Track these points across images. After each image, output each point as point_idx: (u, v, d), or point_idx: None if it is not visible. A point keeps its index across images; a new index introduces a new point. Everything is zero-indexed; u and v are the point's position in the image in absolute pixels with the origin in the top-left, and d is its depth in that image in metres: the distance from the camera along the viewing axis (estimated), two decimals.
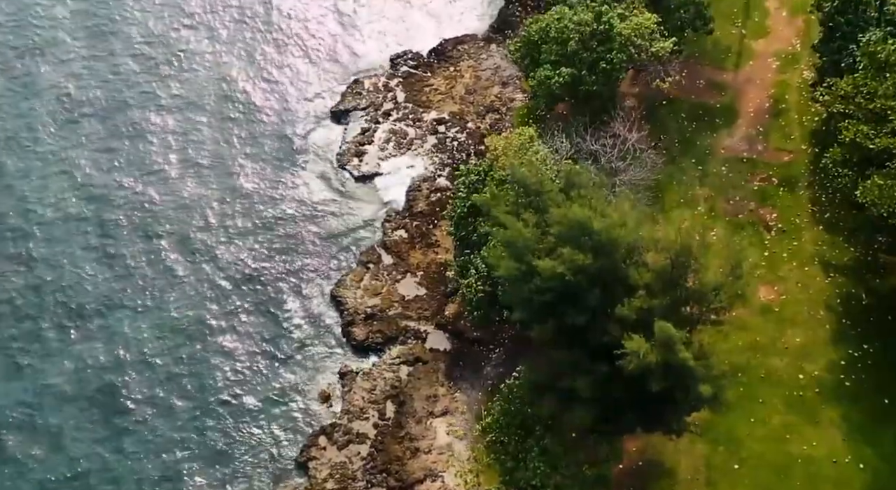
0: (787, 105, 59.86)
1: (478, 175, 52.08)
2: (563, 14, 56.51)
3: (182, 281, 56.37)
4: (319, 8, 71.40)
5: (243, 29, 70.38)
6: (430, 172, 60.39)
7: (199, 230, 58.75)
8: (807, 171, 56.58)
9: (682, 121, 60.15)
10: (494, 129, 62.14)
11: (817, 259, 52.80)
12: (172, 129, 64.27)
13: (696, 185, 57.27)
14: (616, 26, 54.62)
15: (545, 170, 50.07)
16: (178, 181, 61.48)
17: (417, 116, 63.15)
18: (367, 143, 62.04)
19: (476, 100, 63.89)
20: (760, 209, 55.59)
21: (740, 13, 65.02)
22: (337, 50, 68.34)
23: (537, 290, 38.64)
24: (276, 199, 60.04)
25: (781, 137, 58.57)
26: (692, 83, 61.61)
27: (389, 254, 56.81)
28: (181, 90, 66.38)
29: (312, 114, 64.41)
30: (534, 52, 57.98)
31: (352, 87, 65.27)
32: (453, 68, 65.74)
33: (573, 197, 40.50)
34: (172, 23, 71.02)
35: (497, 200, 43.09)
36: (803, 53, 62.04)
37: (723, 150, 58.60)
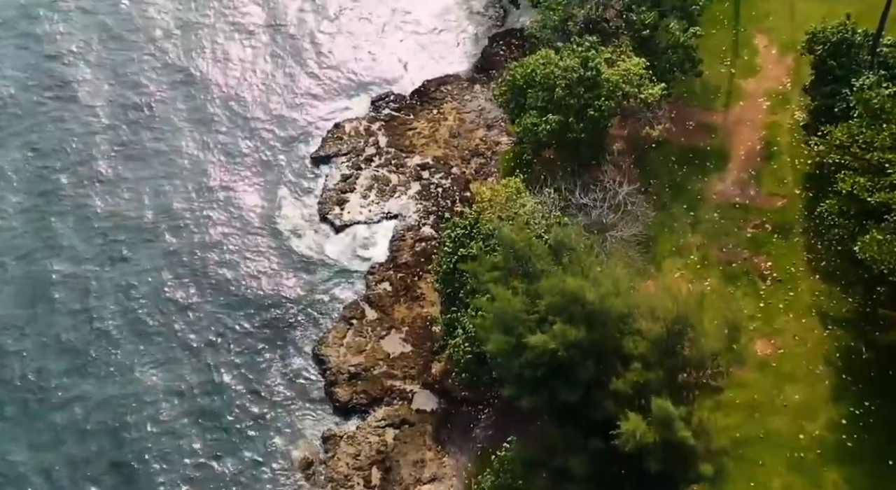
0: (779, 147, 58.42)
1: (464, 228, 50.35)
2: (548, 58, 54.95)
3: (152, 341, 54.01)
4: (297, 50, 69.29)
5: (217, 73, 68.18)
6: (415, 221, 58.56)
7: (170, 286, 56.44)
8: (801, 217, 55.10)
9: (672, 164, 58.62)
10: (480, 175, 60.54)
11: (814, 310, 51.24)
12: (144, 177, 61.98)
13: (688, 232, 55.68)
14: (603, 72, 53.13)
15: (533, 224, 48.66)
16: (149, 233, 59.22)
17: (400, 162, 61.39)
18: (348, 190, 60.20)
19: (461, 143, 62.22)
20: (754, 257, 54.06)
21: (729, 51, 63.62)
22: (316, 93, 66.29)
23: (528, 364, 36.87)
24: (252, 252, 57.92)
25: (774, 181, 57.11)
26: (681, 125, 60.13)
27: (373, 308, 54.91)
28: (154, 139, 63.93)
29: (292, 160, 62.32)
30: (519, 97, 56.43)
31: (332, 132, 63.31)
32: (437, 110, 64.06)
33: (564, 262, 38.78)
34: (151, 68, 68.50)
35: (484, 266, 41.30)
36: (794, 93, 60.67)
37: (714, 196, 57.11)
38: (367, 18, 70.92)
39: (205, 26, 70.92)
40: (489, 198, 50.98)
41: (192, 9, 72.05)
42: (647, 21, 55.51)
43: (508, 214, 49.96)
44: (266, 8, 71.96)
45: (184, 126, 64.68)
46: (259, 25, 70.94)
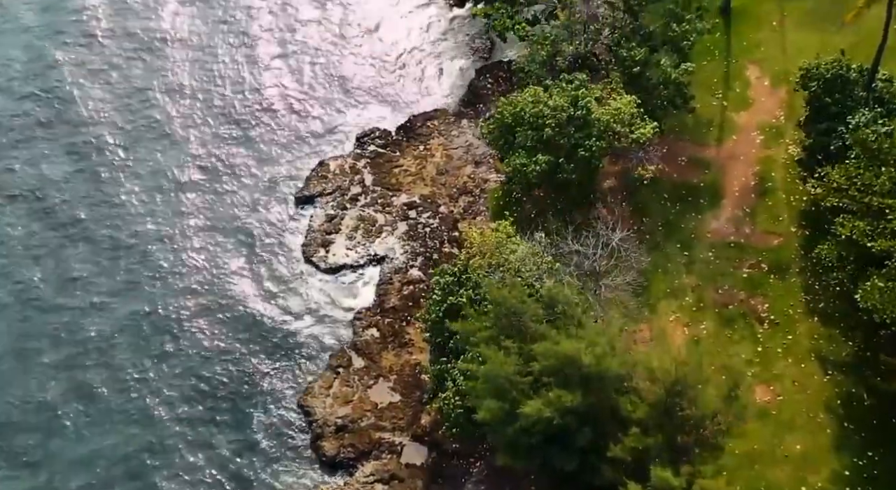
0: (773, 183, 57.12)
1: (453, 276, 48.86)
2: (537, 97, 53.65)
3: (129, 393, 52.05)
4: (279, 86, 67.45)
5: (194, 111, 66.04)
6: (402, 263, 56.94)
7: (148, 335, 54.43)
8: (797, 257, 53.75)
9: (664, 202, 57.18)
10: (468, 214, 59.04)
11: (814, 355, 49.81)
12: (120, 218, 60.11)
13: (683, 273, 54.28)
14: (594, 111, 51.82)
15: (525, 271, 47.20)
16: (126, 281, 57.13)
17: (387, 201, 59.79)
18: (333, 231, 58.53)
19: (448, 181, 60.69)
20: (751, 299, 52.67)
21: (720, 83, 62.30)
22: (300, 130, 64.53)
23: (522, 431, 35.37)
24: (235, 298, 56.05)
25: (769, 219, 55.78)
26: (674, 160, 58.74)
27: (360, 356, 53.18)
28: (129, 182, 61.99)
29: (275, 201, 60.53)
30: (508, 135, 55.09)
31: (317, 170, 61.61)
32: (423, 147, 62.52)
33: (558, 324, 37.33)
34: (131, 109, 66.40)
35: (475, 325, 39.78)
36: (788, 126, 59.41)
37: (709, 234, 55.71)
38: (352, 52, 69.41)
39: (183, 61, 69.21)
40: (479, 243, 49.54)
41: (168, 47, 70.15)
42: (637, 57, 54.27)
43: (499, 261, 48.58)
44: (246, 42, 70.15)
45: (161, 167, 62.76)
46: (239, 60, 69.06)
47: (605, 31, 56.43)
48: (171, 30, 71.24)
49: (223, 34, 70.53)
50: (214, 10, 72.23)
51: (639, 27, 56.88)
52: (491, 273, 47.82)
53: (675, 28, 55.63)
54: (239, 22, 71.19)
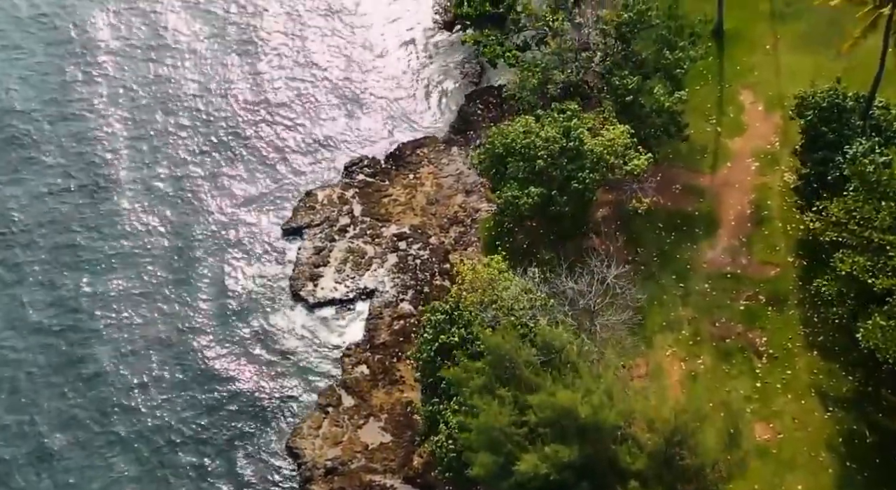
0: (769, 211, 56.12)
1: (444, 313, 47.61)
2: (529, 127, 52.57)
3: (115, 436, 50.66)
4: (264, 114, 65.90)
5: (177, 142, 64.40)
6: (392, 296, 55.66)
7: (133, 374, 52.99)
8: (795, 288, 52.73)
9: (659, 231, 56.14)
10: (459, 245, 57.82)
11: (814, 390, 48.78)
12: (107, 254, 58.46)
13: (679, 305, 53.20)
14: (587, 143, 50.78)
15: (518, 309, 46.04)
16: (110, 318, 55.70)
17: (376, 232, 58.55)
18: (322, 264, 57.22)
19: (438, 211, 59.48)
20: (749, 332, 51.61)
21: (714, 108, 61.35)
22: (286, 159, 63.17)
23: (518, 485, 34.16)
24: (219, 334, 54.73)
25: (766, 249, 54.78)
26: (668, 188, 57.70)
27: (350, 394, 51.82)
28: (120, 215, 60.56)
29: (262, 233, 59.21)
30: (499, 165, 53.98)
31: (304, 201, 60.29)
32: (413, 175, 61.32)
33: (554, 374, 36.14)
34: (115, 145, 64.74)
35: (469, 369, 38.56)
36: (783, 153, 58.45)
37: (705, 265, 54.66)
38: (339, 78, 68.05)
39: (163, 94, 67.48)
40: (470, 279, 48.34)
41: (149, 76, 68.66)
42: (629, 86, 53.24)
43: (491, 297, 47.41)
44: (231, 72, 68.54)
45: (143, 199, 61.31)
46: (222, 91, 67.40)
47: (596, 58, 55.33)
48: (147, 66, 69.29)
49: (207, 63, 69.04)
50: (196, 39, 70.59)
51: (631, 54, 55.90)
52: (483, 311, 46.74)
53: (667, 55, 54.68)
54: (221, 52, 69.63)
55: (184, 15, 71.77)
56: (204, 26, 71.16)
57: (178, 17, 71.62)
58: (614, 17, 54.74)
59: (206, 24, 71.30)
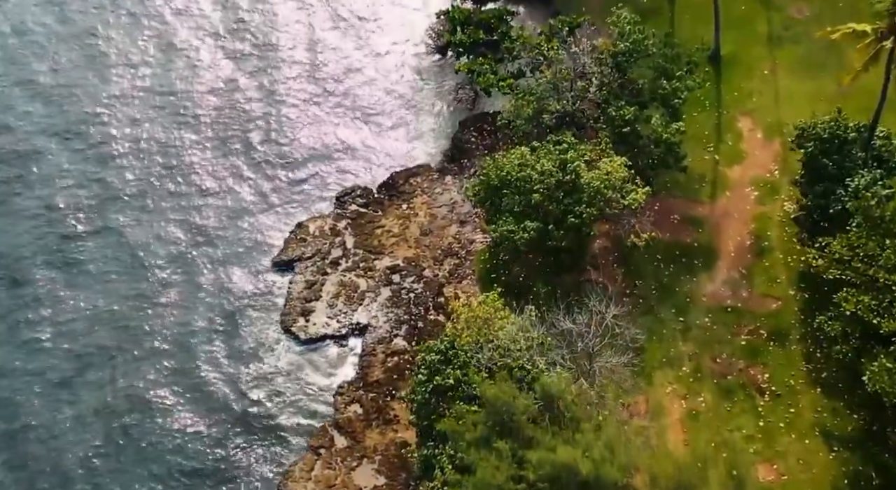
0: (769, 242, 55.03)
1: (439, 354, 46.38)
2: (524, 159, 51.48)
3: (96, 481, 49.29)
4: (255, 141, 64.56)
5: (167, 171, 62.94)
6: (386, 332, 54.40)
7: (120, 415, 51.61)
8: (797, 322, 51.66)
9: (658, 263, 54.99)
10: (454, 278, 56.61)
11: (818, 429, 47.61)
12: (92, 293, 57.03)
13: (679, 340, 52.07)
14: (583, 176, 49.67)
15: (515, 350, 44.86)
16: (96, 356, 54.26)
17: (369, 265, 57.33)
18: (313, 298, 55.95)
19: (432, 242, 58.30)
20: (750, 368, 50.45)
21: (712, 136, 60.34)
22: (277, 189, 61.86)
23: None
24: (208, 373, 53.33)
25: (767, 281, 53.68)
26: (666, 218, 56.60)
27: (343, 434, 50.50)
28: (99, 253, 58.98)
29: (252, 267, 57.89)
30: (494, 197, 52.88)
31: (295, 233, 58.97)
32: (406, 206, 60.14)
33: (553, 429, 34.95)
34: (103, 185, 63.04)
35: (465, 419, 37.36)
36: (783, 181, 57.42)
37: (704, 298, 53.52)
38: (331, 104, 66.75)
39: (150, 119, 66.20)
40: (466, 317, 47.14)
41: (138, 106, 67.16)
42: (626, 116, 52.18)
43: (487, 337, 46.23)
44: (220, 92, 67.43)
45: (130, 232, 59.84)
46: (212, 117, 66.02)
47: (592, 87, 54.26)
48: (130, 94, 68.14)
49: (196, 94, 67.56)
50: (181, 69, 69.31)
51: (627, 82, 54.86)
52: (479, 351, 45.54)
53: (664, 85, 53.64)
54: (212, 77, 68.37)
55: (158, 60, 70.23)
56: (186, 61, 69.68)
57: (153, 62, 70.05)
58: (610, 46, 53.70)
59: (188, 60, 69.78)
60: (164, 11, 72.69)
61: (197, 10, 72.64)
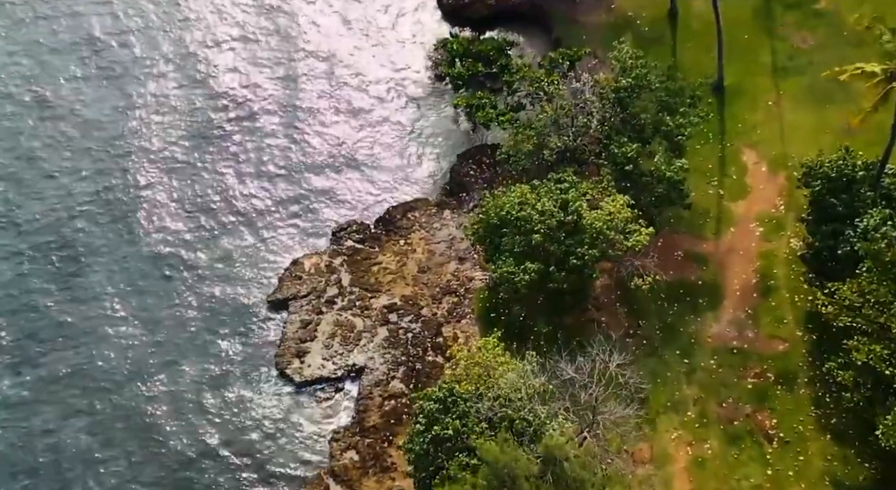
0: (776, 281, 53.69)
1: (438, 401, 45.00)
2: (524, 197, 50.24)
3: None
4: (250, 173, 63.09)
5: (158, 205, 61.43)
6: (383, 374, 52.99)
7: (106, 460, 50.29)
8: (805, 364, 50.32)
9: (661, 302, 53.61)
10: (453, 317, 55.24)
11: (828, 479, 46.20)
12: (84, 330, 55.77)
13: (684, 383, 50.74)
14: (585, 216, 48.38)
15: (515, 397, 43.50)
16: (92, 394, 53.05)
17: (365, 303, 55.93)
18: (309, 339, 54.55)
19: (431, 280, 56.91)
20: (758, 414, 49.08)
21: (716, 169, 59.06)
22: (271, 224, 60.34)
23: None
24: (199, 416, 51.95)
25: (773, 322, 52.33)
26: (669, 255, 55.24)
27: (339, 483, 49.07)
28: (95, 285, 57.74)
29: (246, 307, 56.45)
30: (493, 235, 51.59)
31: (290, 270, 57.56)
32: (403, 241, 58.76)
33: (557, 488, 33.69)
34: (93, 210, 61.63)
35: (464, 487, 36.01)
36: (789, 217, 56.07)
37: (709, 339, 52.17)
38: (326, 134, 65.22)
39: (139, 162, 64.19)
40: (465, 364, 45.75)
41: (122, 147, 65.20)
42: (628, 154, 50.92)
43: (487, 384, 44.84)
44: (212, 123, 65.73)
45: (120, 268, 58.44)
46: (203, 150, 64.35)
47: (593, 123, 52.99)
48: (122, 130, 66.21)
49: (187, 128, 65.89)
50: (172, 99, 67.59)
51: (629, 117, 53.61)
52: (479, 400, 44.13)
53: (668, 122, 52.42)
54: (205, 112, 66.57)
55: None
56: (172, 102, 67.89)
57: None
58: (612, 81, 52.48)
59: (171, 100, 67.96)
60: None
61: (184, 50, 71.42)
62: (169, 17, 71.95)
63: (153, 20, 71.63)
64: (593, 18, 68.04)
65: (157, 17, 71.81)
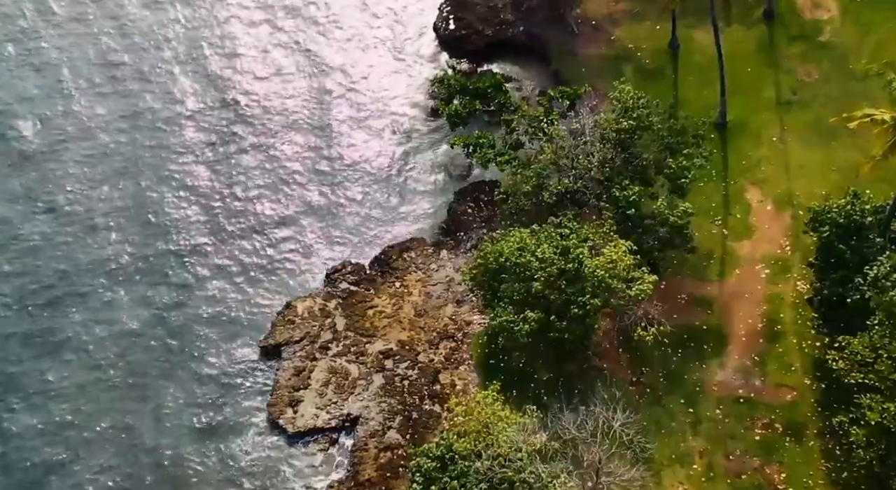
0: (782, 326, 52.15)
1: (434, 460, 43.41)
2: (523, 243, 48.74)
3: None
4: (240, 213, 61.29)
5: (150, 251, 59.53)
6: (378, 424, 51.23)
7: None
8: (815, 415, 48.73)
9: (665, 348, 51.88)
10: (450, 363, 53.68)
11: None
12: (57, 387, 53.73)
13: (689, 434, 49.12)
14: (587, 264, 46.90)
15: (515, 456, 41.95)
16: (72, 441, 51.36)
17: (360, 349, 54.29)
18: (302, 387, 52.85)
19: (427, 324, 55.28)
20: (766, 466, 47.45)
21: (719, 208, 57.58)
22: (263, 266, 58.63)
23: None
24: (188, 472, 49.95)
25: (780, 369, 50.79)
26: (673, 298, 53.60)
27: None
28: (77, 326, 56.01)
29: (237, 353, 54.68)
30: (492, 281, 50.08)
31: (284, 314, 55.77)
32: (399, 284, 57.16)
33: None
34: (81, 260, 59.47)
35: None
36: (795, 259, 54.57)
37: (715, 387, 50.60)
38: (320, 171, 63.63)
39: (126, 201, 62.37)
40: (463, 420, 44.14)
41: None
42: (630, 197, 49.49)
43: (487, 442, 43.23)
44: (201, 162, 63.88)
45: (105, 315, 56.54)
46: (193, 187, 62.65)
47: (594, 164, 51.53)
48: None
49: (180, 163, 64.34)
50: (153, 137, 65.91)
51: (631, 157, 52.23)
52: (477, 458, 42.53)
53: (671, 164, 51.04)
54: (194, 150, 64.88)
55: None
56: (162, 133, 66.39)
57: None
58: (612, 123, 51.08)
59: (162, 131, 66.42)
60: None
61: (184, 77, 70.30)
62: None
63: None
64: (592, 50, 66.80)
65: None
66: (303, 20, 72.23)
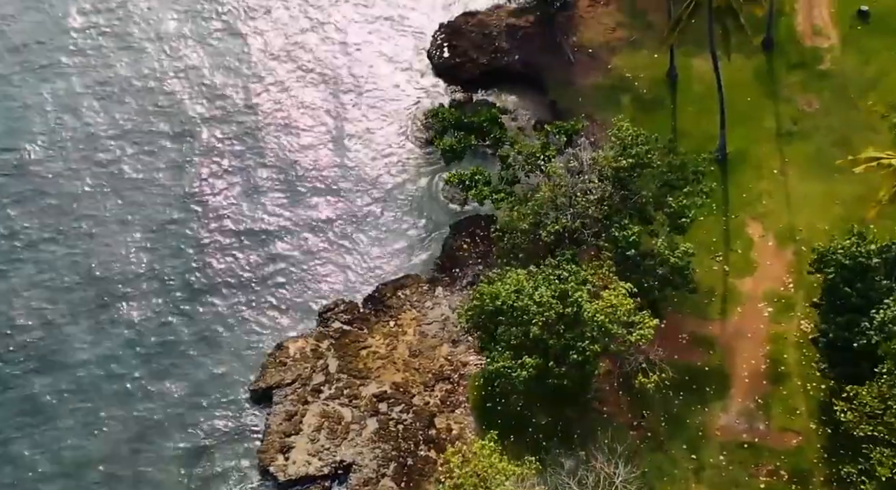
0: (786, 367, 50.91)
1: None
2: (520, 286, 47.41)
3: None
4: (229, 250, 59.81)
5: (132, 283, 58.19)
6: (372, 471, 49.72)
7: None
8: (820, 461, 47.32)
9: (666, 390, 50.43)
10: (446, 406, 52.26)
11: None
12: (57, 432, 52.30)
13: (692, 481, 47.72)
14: (586, 309, 45.57)
15: None
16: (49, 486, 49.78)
17: (354, 391, 52.81)
18: (294, 432, 51.32)
19: (422, 364, 53.88)
20: None
21: (720, 244, 56.36)
22: (254, 305, 57.10)
23: None
24: None
25: (785, 412, 49.48)
26: (673, 338, 52.28)
27: None
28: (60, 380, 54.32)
29: (226, 396, 53.20)
30: (489, 323, 48.71)
31: (275, 355, 54.27)
32: (394, 322, 55.73)
33: None
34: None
35: None
36: (798, 296, 53.37)
37: (718, 432, 49.26)
38: (312, 205, 62.21)
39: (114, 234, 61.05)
40: (460, 473, 42.75)
41: None
42: (630, 237, 48.21)
43: None
44: (193, 197, 62.53)
45: (90, 355, 55.10)
46: (184, 222, 61.23)
47: (592, 202, 50.26)
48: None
49: (170, 197, 63.01)
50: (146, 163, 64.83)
51: (630, 194, 50.99)
52: None
53: (671, 203, 49.82)
54: (183, 183, 63.55)
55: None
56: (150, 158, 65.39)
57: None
58: (611, 161, 49.84)
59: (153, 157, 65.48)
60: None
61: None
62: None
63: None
64: (589, 80, 65.67)
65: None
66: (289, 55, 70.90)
